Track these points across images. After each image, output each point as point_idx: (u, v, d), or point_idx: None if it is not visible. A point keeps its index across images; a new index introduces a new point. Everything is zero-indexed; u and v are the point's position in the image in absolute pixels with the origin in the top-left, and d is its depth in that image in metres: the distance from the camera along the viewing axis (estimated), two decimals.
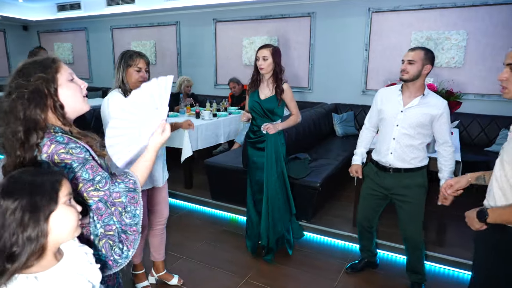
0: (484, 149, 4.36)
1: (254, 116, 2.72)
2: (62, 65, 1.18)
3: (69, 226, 0.93)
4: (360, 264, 2.70)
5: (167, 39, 6.87)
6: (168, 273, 2.59)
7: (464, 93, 4.22)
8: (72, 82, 1.20)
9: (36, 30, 8.72)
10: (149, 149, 1.26)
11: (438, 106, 2.16)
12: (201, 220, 3.58)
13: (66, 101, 1.16)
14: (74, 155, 1.11)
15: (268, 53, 2.57)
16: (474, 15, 4.45)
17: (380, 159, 2.34)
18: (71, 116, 1.21)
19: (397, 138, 2.24)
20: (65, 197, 0.92)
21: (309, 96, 5.73)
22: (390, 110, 2.27)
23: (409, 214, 2.32)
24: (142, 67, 2.10)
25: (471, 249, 2.81)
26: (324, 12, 5.37)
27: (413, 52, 2.14)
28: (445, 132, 2.21)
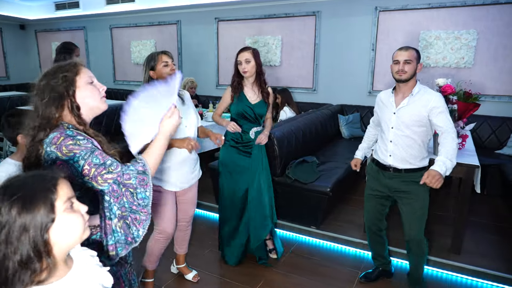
0: (495, 151, 4.25)
1: (240, 121, 2.62)
2: (82, 69, 1.28)
3: (74, 233, 0.88)
4: (374, 274, 2.58)
5: (167, 39, 6.74)
6: (187, 266, 2.64)
7: None
8: (91, 85, 1.29)
9: (34, 29, 8.57)
10: (159, 136, 1.29)
11: (428, 101, 2.10)
12: (206, 225, 3.46)
13: (84, 101, 1.26)
14: (82, 146, 1.18)
15: (250, 55, 2.51)
16: (484, 14, 4.34)
17: (380, 159, 2.31)
18: (90, 115, 1.31)
19: (394, 140, 2.21)
20: (65, 204, 0.85)
21: (314, 97, 5.61)
22: (385, 113, 2.26)
23: (412, 214, 2.25)
24: (169, 61, 2.17)
25: (489, 257, 2.74)
26: (330, 11, 5.25)
27: (407, 52, 2.11)
28: (442, 122, 2.08)
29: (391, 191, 2.30)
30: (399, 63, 2.12)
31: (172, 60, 2.20)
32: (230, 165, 2.68)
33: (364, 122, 5.15)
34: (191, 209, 2.49)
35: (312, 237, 3.16)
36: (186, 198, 2.41)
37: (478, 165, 2.65)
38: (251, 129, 2.62)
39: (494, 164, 3.90)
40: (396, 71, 2.14)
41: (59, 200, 0.84)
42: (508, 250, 2.88)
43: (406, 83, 2.14)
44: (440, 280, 2.61)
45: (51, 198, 0.82)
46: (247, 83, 2.61)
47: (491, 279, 2.55)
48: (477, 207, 3.52)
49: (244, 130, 2.62)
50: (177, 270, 2.66)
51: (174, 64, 2.21)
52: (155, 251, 2.35)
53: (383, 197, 2.37)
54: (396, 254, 2.82)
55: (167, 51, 2.22)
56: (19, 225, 0.78)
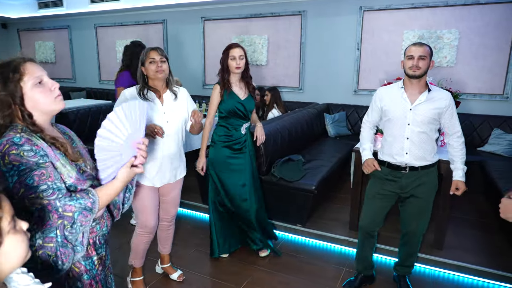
0: (477, 149, 4.33)
1: (231, 118, 2.61)
2: (26, 71, 1.14)
3: (20, 255, 0.75)
4: (356, 281, 2.49)
5: (153, 38, 6.67)
6: (171, 266, 2.61)
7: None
8: (40, 86, 1.16)
9: (16, 28, 8.40)
10: (116, 181, 1.23)
11: (444, 99, 2.14)
12: (191, 225, 3.44)
13: (35, 106, 1.15)
14: (24, 158, 1.07)
15: (243, 52, 2.52)
16: (466, 14, 4.42)
17: (393, 159, 2.24)
18: (46, 117, 1.20)
19: (411, 137, 2.17)
20: (9, 225, 0.72)
21: (300, 96, 5.63)
22: (398, 110, 2.18)
23: (418, 210, 2.28)
24: (156, 58, 2.10)
25: (471, 252, 2.79)
26: (315, 11, 5.28)
27: (422, 48, 2.08)
28: (455, 122, 2.19)
29: (404, 191, 2.26)
30: (413, 59, 2.07)
31: (161, 58, 2.11)
32: (221, 164, 2.66)
33: (350, 121, 5.20)
34: (172, 208, 2.45)
35: (298, 235, 3.18)
36: (168, 198, 2.38)
37: None
38: (242, 125, 2.61)
39: (475, 161, 3.97)
40: (409, 66, 2.09)
41: (4, 221, 0.70)
42: (490, 245, 2.94)
43: (420, 80, 2.11)
44: (423, 276, 2.65)
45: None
46: (234, 79, 2.58)
47: (473, 273, 2.60)
48: (459, 204, 3.58)
49: (235, 127, 2.60)
50: (161, 270, 2.64)
51: (164, 61, 2.13)
52: (139, 246, 2.34)
53: (391, 198, 2.32)
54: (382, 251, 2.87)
55: (159, 47, 2.16)
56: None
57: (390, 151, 2.25)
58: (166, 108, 2.18)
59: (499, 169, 3.59)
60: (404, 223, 2.37)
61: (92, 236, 1.29)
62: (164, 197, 2.37)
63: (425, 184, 2.23)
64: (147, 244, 2.37)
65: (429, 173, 2.23)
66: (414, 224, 2.32)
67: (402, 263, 2.47)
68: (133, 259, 2.39)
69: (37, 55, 8.15)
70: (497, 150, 4.15)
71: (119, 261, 2.75)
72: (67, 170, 1.19)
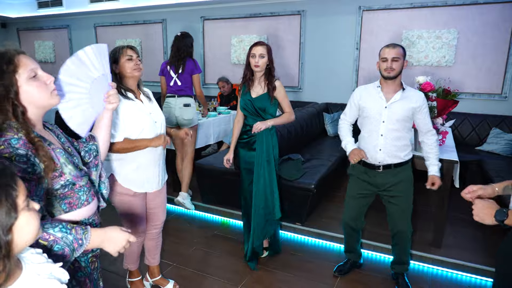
0: (475, 148, 4.36)
1: (246, 116, 2.63)
2: (20, 63, 1.08)
3: (33, 231, 0.81)
4: (347, 265, 2.66)
5: (153, 38, 6.68)
6: (163, 278, 2.49)
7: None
8: (35, 80, 1.11)
9: (16, 28, 8.40)
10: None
11: (417, 99, 2.23)
12: (191, 224, 3.45)
13: (30, 100, 1.11)
14: (13, 162, 1.02)
15: (265, 50, 2.50)
16: (464, 14, 4.44)
17: (367, 158, 2.31)
18: (39, 113, 1.17)
19: (385, 134, 2.25)
20: (24, 202, 0.78)
21: (300, 96, 5.65)
22: (374, 107, 2.27)
23: (399, 208, 2.33)
24: (133, 55, 2.01)
25: (469, 250, 2.81)
26: (315, 10, 5.29)
27: (395, 49, 2.16)
28: (428, 121, 2.29)
29: (380, 189, 2.35)
30: (387, 61, 2.15)
31: (137, 56, 2.04)
32: (242, 164, 2.68)
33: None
34: (161, 214, 2.34)
35: (297, 233, 3.19)
36: (156, 203, 2.27)
37: (457, 161, 2.72)
38: (254, 123, 2.58)
39: (474, 160, 4.00)
40: (384, 68, 2.18)
41: (20, 198, 0.76)
42: (487, 243, 2.96)
43: (395, 80, 2.20)
44: (422, 274, 2.67)
45: (12, 194, 0.74)
46: (256, 77, 2.59)
47: (471, 271, 2.62)
48: (458, 202, 3.58)
49: (250, 124, 2.60)
50: (151, 285, 2.48)
51: (140, 60, 2.06)
52: (132, 250, 2.29)
53: (369, 196, 2.43)
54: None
55: (133, 46, 2.08)
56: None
57: (365, 147, 2.33)
58: (149, 108, 2.10)
59: (497, 168, 3.61)
60: (392, 224, 2.42)
61: None
62: (153, 202, 2.25)
63: (402, 182, 2.31)
64: (140, 247, 2.32)
65: (403, 170, 2.30)
66: (401, 223, 2.37)
67: (397, 261, 2.51)
68: (128, 263, 2.36)
69: (37, 55, 8.15)
70: (496, 149, 4.17)
71: (119, 259, 2.76)
72: (68, 168, 1.19)
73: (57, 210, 1.19)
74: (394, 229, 2.41)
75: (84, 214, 1.27)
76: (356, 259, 2.68)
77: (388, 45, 2.20)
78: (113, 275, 2.61)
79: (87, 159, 1.38)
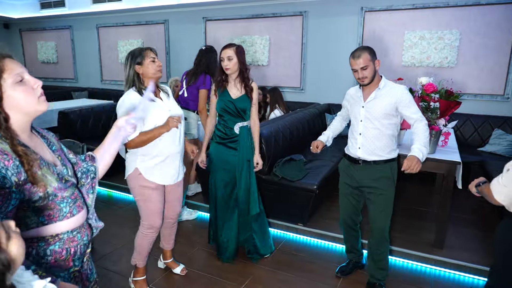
0: (478, 149, 4.35)
1: (225, 116, 2.66)
2: (5, 67, 1.03)
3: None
4: (349, 266, 2.67)
5: (155, 38, 6.70)
6: (174, 261, 2.69)
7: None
8: (21, 84, 1.06)
9: (18, 28, 8.43)
10: None
11: (394, 93, 2.20)
12: (193, 224, 3.46)
13: (15, 106, 1.05)
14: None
15: (232, 52, 2.54)
16: (467, 14, 4.44)
17: (350, 153, 2.39)
18: (26, 120, 1.10)
19: (363, 132, 2.29)
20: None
21: (301, 96, 5.65)
22: (354, 108, 2.35)
23: (377, 205, 2.33)
24: (155, 57, 2.17)
25: (471, 251, 2.81)
26: (317, 11, 5.30)
27: (360, 59, 2.14)
28: (412, 112, 2.20)
29: (360, 184, 2.37)
30: (357, 71, 2.17)
31: (157, 57, 2.20)
32: (218, 161, 2.70)
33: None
34: (178, 205, 2.50)
35: (299, 234, 3.20)
36: (174, 195, 2.41)
37: (459, 162, 2.72)
38: (235, 124, 2.65)
39: (476, 161, 3.99)
40: (357, 78, 2.22)
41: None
42: (489, 244, 2.96)
43: (371, 83, 2.23)
44: (424, 275, 2.67)
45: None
46: (230, 79, 2.63)
47: (473, 272, 2.62)
48: (460, 203, 3.60)
49: (229, 125, 2.65)
50: (164, 265, 2.70)
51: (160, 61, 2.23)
52: (144, 247, 2.36)
53: (355, 191, 2.44)
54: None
55: (153, 47, 2.22)
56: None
57: (350, 145, 2.41)
58: (168, 105, 2.24)
59: (500, 169, 3.55)
60: (371, 220, 2.40)
61: (73, 245, 1.18)
62: (170, 196, 2.40)
63: (380, 180, 2.30)
64: (151, 244, 2.39)
65: (383, 168, 2.30)
66: (378, 221, 2.35)
67: (374, 266, 2.42)
68: (137, 259, 2.40)
69: (39, 55, 8.18)
70: (498, 150, 4.17)
71: (122, 260, 2.78)
72: (48, 180, 1.10)
73: (33, 222, 1.09)
74: (372, 226, 2.38)
75: (66, 227, 1.16)
76: (358, 259, 2.69)
77: (353, 55, 2.17)
78: (116, 275, 2.62)
79: (83, 181, 1.32)
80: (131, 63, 2.14)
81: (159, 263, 2.73)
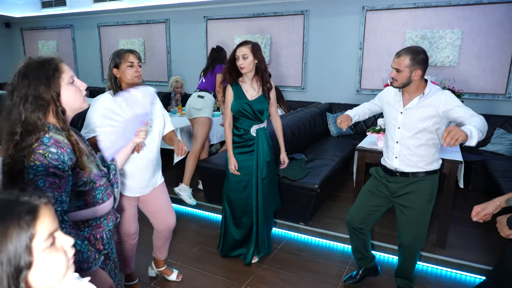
0: (479, 148, 4.34)
1: (241, 119, 2.54)
2: (64, 69, 1.22)
3: (56, 275, 0.71)
4: (358, 275, 2.49)
5: (156, 37, 6.70)
6: (168, 268, 2.57)
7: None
8: (72, 85, 1.23)
9: (19, 27, 8.43)
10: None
11: (437, 100, 1.96)
12: (195, 223, 3.46)
13: (67, 103, 1.22)
14: (47, 159, 1.11)
15: (247, 50, 2.39)
16: (468, 13, 4.43)
17: (387, 163, 2.21)
18: (71, 115, 1.28)
19: (400, 141, 2.10)
20: (45, 242, 0.67)
21: (303, 96, 5.65)
22: (391, 112, 2.16)
23: (409, 220, 2.16)
24: (134, 62, 1.99)
25: (473, 251, 2.81)
26: (318, 10, 5.29)
27: (398, 59, 1.99)
28: (462, 113, 1.88)
29: (393, 195, 2.20)
30: (393, 70, 2.03)
31: (138, 62, 2.02)
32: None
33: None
34: (171, 215, 2.33)
35: (301, 233, 3.19)
36: (157, 206, 2.26)
37: (461, 161, 2.71)
38: (251, 126, 2.53)
39: (478, 160, 3.99)
40: (390, 76, 2.06)
41: (37, 238, 0.66)
42: (491, 243, 2.95)
43: (408, 87, 2.03)
44: (426, 274, 2.66)
45: (26, 236, 0.64)
46: (246, 79, 2.50)
47: (475, 272, 2.62)
48: (462, 203, 3.59)
49: (245, 128, 2.54)
50: (155, 274, 2.58)
51: (140, 66, 2.04)
52: (127, 254, 2.26)
53: (381, 198, 2.26)
54: (380, 249, 2.89)
55: (135, 50, 2.05)
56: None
57: (386, 154, 2.23)
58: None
59: (501, 168, 3.60)
60: (399, 234, 2.26)
61: (99, 231, 1.35)
62: (152, 207, 2.26)
63: (416, 193, 2.11)
64: (133, 250, 2.30)
65: (421, 181, 2.11)
66: (406, 237, 2.20)
67: (399, 274, 2.38)
68: (124, 267, 2.31)
69: (40, 54, 8.14)
70: (500, 149, 4.16)
71: None
72: (90, 167, 1.27)
73: (72, 205, 1.24)
74: (400, 240, 2.25)
75: (97, 212, 1.32)
76: (369, 264, 2.49)
77: (397, 53, 2.03)
78: None
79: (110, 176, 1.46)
80: (110, 64, 2.01)
81: (150, 271, 2.58)
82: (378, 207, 2.30)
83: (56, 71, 1.20)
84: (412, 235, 2.18)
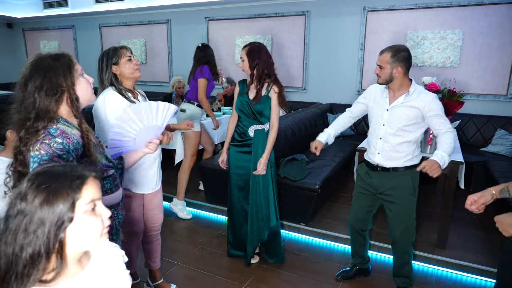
0: (480, 149, 4.34)
1: (242, 117, 2.57)
2: (76, 63, 1.28)
3: (91, 237, 0.83)
4: (351, 272, 2.57)
5: (157, 38, 6.72)
6: (165, 282, 2.44)
7: None
8: (83, 77, 1.29)
9: (21, 28, 8.46)
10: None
11: (423, 103, 2.05)
12: (195, 224, 3.46)
13: (79, 93, 1.27)
14: (51, 149, 1.15)
15: (243, 53, 2.48)
16: (469, 14, 4.43)
17: (370, 159, 2.29)
18: (83, 104, 1.32)
19: (384, 137, 2.17)
20: (86, 205, 0.81)
21: (304, 96, 5.65)
22: (377, 109, 2.21)
23: (396, 215, 2.24)
24: (131, 56, 2.03)
25: (473, 251, 2.81)
26: (319, 11, 5.30)
27: (381, 56, 2.06)
28: (440, 125, 2.06)
29: (378, 192, 2.27)
30: (377, 67, 2.10)
31: (133, 56, 2.04)
32: (233, 167, 2.63)
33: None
34: (160, 214, 2.32)
35: (302, 234, 3.20)
36: (154, 204, 2.26)
37: (462, 162, 2.71)
38: (250, 126, 2.54)
39: (479, 161, 3.99)
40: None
41: (81, 201, 0.80)
42: (492, 244, 2.95)
43: (392, 84, 2.09)
44: (426, 275, 2.67)
45: (73, 197, 0.79)
46: (253, 79, 2.55)
47: (475, 272, 2.62)
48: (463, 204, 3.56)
49: (244, 127, 2.56)
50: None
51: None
52: (131, 253, 2.23)
53: (371, 197, 2.33)
54: (380, 249, 2.89)
55: (126, 46, 2.06)
56: (38, 217, 0.76)
57: (368, 148, 2.30)
58: None
59: (502, 169, 3.60)
60: (389, 231, 2.32)
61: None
62: (150, 204, 2.25)
63: (399, 188, 2.18)
64: (137, 249, 2.30)
65: (401, 175, 2.17)
66: (396, 232, 2.26)
67: (396, 273, 2.40)
68: (126, 266, 2.31)
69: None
70: (501, 150, 4.16)
71: None
72: (98, 157, 1.32)
73: None
74: (391, 236, 2.31)
75: (106, 202, 1.30)
76: (363, 265, 2.58)
77: (381, 50, 2.09)
78: None
79: None
80: (107, 64, 1.98)
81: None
82: (371, 207, 2.38)
83: (70, 60, 1.26)
84: (401, 229, 2.25)
